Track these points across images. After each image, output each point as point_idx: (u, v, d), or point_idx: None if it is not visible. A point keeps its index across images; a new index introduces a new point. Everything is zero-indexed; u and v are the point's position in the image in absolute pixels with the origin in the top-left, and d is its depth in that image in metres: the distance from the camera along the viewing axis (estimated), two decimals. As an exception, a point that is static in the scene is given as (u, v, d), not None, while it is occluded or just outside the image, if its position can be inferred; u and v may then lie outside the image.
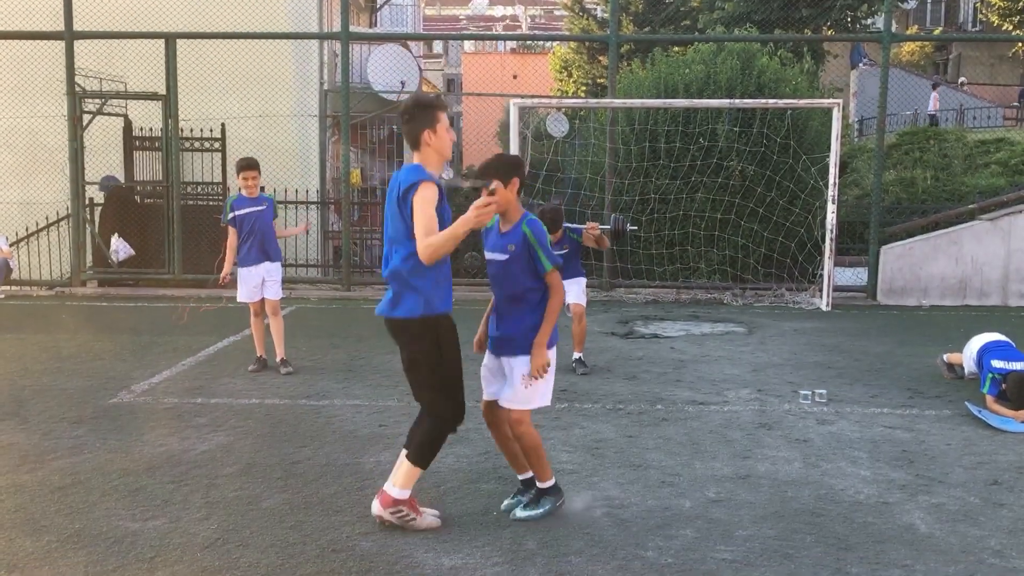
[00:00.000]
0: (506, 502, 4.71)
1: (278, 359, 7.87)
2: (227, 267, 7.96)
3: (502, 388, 4.55)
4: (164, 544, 4.20)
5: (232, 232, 7.88)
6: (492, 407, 4.61)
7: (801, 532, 4.42)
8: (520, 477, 4.71)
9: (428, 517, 4.43)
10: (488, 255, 4.60)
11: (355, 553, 4.12)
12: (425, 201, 4.17)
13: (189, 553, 4.11)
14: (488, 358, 4.65)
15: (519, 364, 4.46)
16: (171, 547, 4.17)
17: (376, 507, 4.40)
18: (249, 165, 7.79)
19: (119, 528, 4.38)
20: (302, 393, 7.10)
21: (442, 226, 4.20)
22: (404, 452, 4.46)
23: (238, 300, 7.99)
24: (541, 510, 4.58)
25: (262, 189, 7.92)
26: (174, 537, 4.28)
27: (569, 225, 7.88)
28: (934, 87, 28.58)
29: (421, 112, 4.34)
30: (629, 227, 8.79)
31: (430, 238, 4.11)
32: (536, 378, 4.46)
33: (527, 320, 4.46)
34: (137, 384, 7.35)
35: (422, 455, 4.37)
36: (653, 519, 4.56)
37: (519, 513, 4.58)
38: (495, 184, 4.28)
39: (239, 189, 7.88)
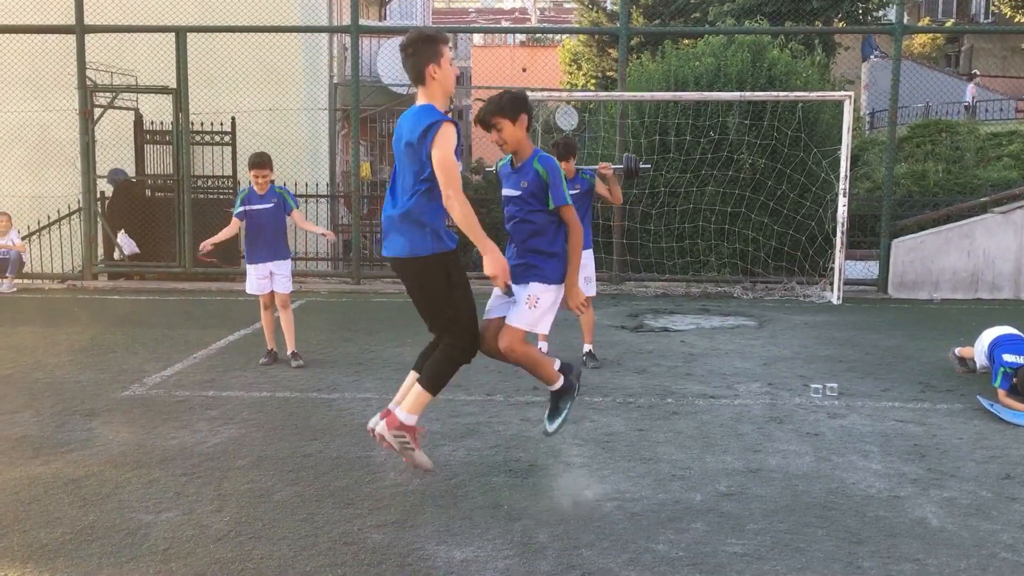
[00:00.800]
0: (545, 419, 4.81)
1: (289, 352, 7.88)
2: (208, 243, 7.85)
3: (507, 310, 4.62)
4: (177, 536, 4.22)
5: (235, 222, 7.94)
6: (491, 327, 4.62)
7: (812, 526, 4.41)
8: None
9: (424, 455, 4.45)
10: (503, 192, 4.63)
11: (366, 546, 4.13)
12: (447, 144, 4.13)
13: (202, 545, 4.13)
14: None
15: (530, 288, 4.51)
16: (184, 539, 4.19)
17: (380, 425, 4.37)
18: (257, 164, 7.68)
19: (132, 520, 4.41)
20: (313, 386, 7.12)
21: None
22: (414, 375, 4.47)
23: (247, 292, 8.03)
24: (565, 413, 4.66)
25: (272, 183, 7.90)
26: (187, 529, 4.31)
27: (582, 167, 7.83)
28: (969, 79, 28.65)
29: (425, 46, 4.26)
30: (641, 165, 8.72)
31: (463, 202, 4.11)
32: (579, 312, 4.56)
33: (542, 254, 4.51)
34: (149, 377, 7.39)
35: (434, 381, 4.37)
36: (664, 512, 4.56)
37: (548, 428, 4.67)
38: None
39: (250, 183, 7.88)
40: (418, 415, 4.39)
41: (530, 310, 4.51)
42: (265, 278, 7.84)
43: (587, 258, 7.81)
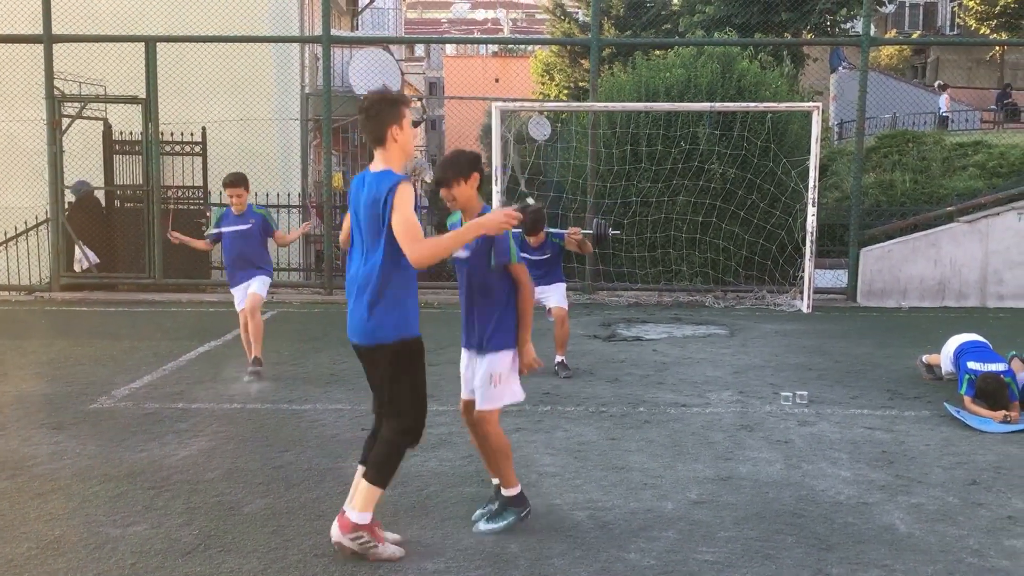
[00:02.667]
0: (477, 512, 4.61)
1: (251, 358, 7.74)
2: (178, 236, 8.03)
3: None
4: (145, 550, 4.18)
5: (206, 244, 7.93)
6: (470, 406, 4.54)
7: (782, 533, 4.44)
8: (495, 481, 4.61)
9: (390, 547, 4.17)
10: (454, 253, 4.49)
11: (337, 558, 4.11)
12: (406, 202, 4.02)
13: (170, 559, 4.09)
14: (465, 357, 4.58)
15: (487, 362, 4.40)
16: (152, 553, 4.15)
17: (335, 532, 4.12)
18: (231, 183, 7.58)
19: (100, 534, 4.36)
20: (284, 397, 7.08)
21: None
22: (360, 471, 4.24)
23: (237, 310, 7.95)
24: (504, 523, 4.45)
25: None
26: (155, 543, 4.26)
27: (551, 230, 7.91)
28: (942, 89, 29.08)
29: (388, 108, 4.16)
30: (611, 231, 8.82)
31: (425, 242, 3.98)
32: (525, 372, 4.47)
33: (494, 317, 4.40)
34: (118, 389, 7.31)
35: (383, 474, 4.14)
36: (635, 521, 4.57)
37: (481, 526, 4.46)
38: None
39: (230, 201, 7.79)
40: (371, 512, 4.13)
41: (495, 388, 4.41)
42: (244, 292, 7.77)
43: (559, 289, 7.96)
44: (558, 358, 7.98)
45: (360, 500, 4.11)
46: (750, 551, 4.23)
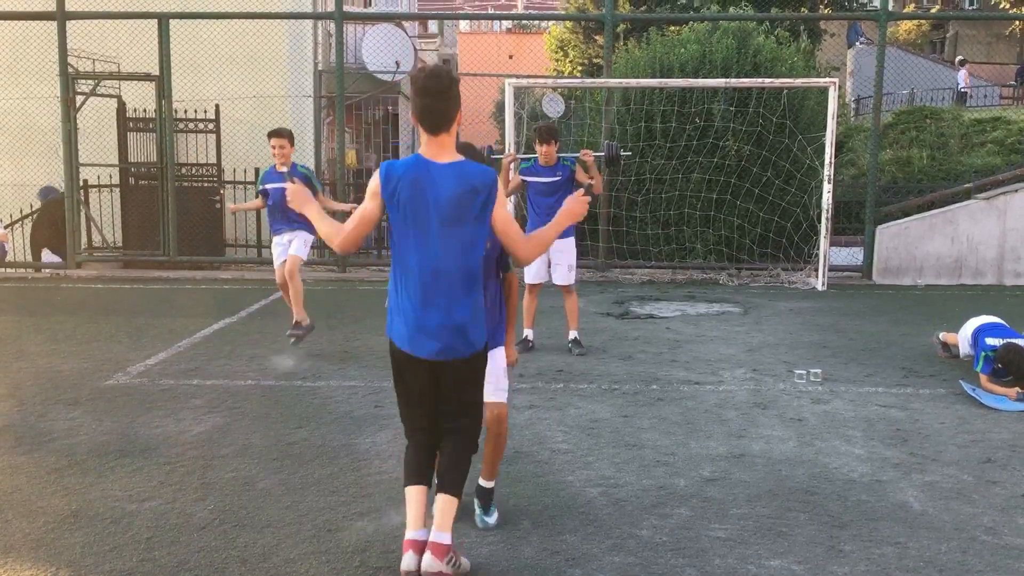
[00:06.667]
0: (478, 517, 4.35)
1: (293, 321, 7.92)
2: (236, 206, 8.79)
3: None
4: (160, 525, 4.22)
5: (259, 200, 8.18)
6: None
7: (795, 510, 4.44)
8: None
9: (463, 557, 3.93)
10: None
11: (350, 533, 4.14)
12: (504, 199, 3.78)
13: (185, 534, 4.12)
14: None
15: (495, 357, 4.15)
16: (167, 528, 4.19)
17: (430, 563, 3.57)
18: (276, 132, 7.76)
19: (115, 509, 4.40)
20: (298, 374, 7.11)
21: None
22: (420, 491, 3.79)
23: (275, 264, 8.11)
24: (495, 509, 4.35)
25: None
26: (170, 518, 4.30)
27: (563, 155, 7.82)
28: (961, 64, 28.80)
29: (458, 89, 3.66)
30: (623, 152, 8.74)
31: (532, 240, 3.81)
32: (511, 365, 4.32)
33: (493, 313, 4.12)
34: (133, 366, 7.35)
35: (462, 484, 3.83)
36: (648, 498, 4.58)
37: (491, 522, 4.28)
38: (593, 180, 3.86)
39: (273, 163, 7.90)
40: None
41: (507, 381, 4.27)
42: (285, 246, 7.93)
43: (569, 246, 7.87)
44: (572, 334, 7.97)
45: (446, 520, 3.72)
46: (763, 528, 4.23)
